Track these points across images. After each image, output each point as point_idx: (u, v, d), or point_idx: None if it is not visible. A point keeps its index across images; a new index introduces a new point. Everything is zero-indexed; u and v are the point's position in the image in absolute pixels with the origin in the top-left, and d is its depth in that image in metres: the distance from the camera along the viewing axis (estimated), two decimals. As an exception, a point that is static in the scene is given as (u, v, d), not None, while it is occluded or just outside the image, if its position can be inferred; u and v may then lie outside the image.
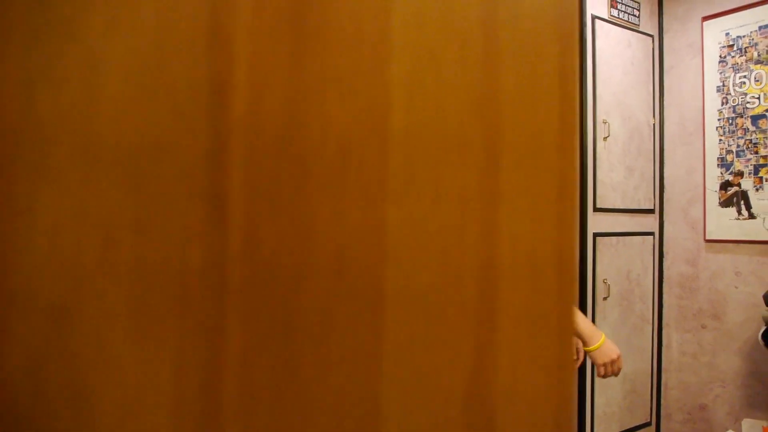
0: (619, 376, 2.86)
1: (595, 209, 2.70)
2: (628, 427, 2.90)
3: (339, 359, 0.24)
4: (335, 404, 0.24)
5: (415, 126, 0.26)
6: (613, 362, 1.86)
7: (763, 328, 2.40)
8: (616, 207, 2.82)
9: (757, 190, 2.71)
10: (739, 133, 2.77)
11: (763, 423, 2.65)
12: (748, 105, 2.74)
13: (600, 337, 1.87)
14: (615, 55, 2.82)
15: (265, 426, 0.22)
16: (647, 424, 3.01)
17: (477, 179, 0.27)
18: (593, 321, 2.70)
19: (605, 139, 2.77)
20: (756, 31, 2.71)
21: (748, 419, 2.72)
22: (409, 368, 0.25)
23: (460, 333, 0.27)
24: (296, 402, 0.23)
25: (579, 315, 1.90)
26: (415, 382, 0.26)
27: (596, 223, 2.68)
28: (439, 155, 0.26)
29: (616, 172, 2.83)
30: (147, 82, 0.20)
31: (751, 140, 2.73)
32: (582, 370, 2.72)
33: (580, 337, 1.85)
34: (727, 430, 2.78)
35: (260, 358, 0.22)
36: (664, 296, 3.05)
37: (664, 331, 3.06)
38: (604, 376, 1.88)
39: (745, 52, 2.75)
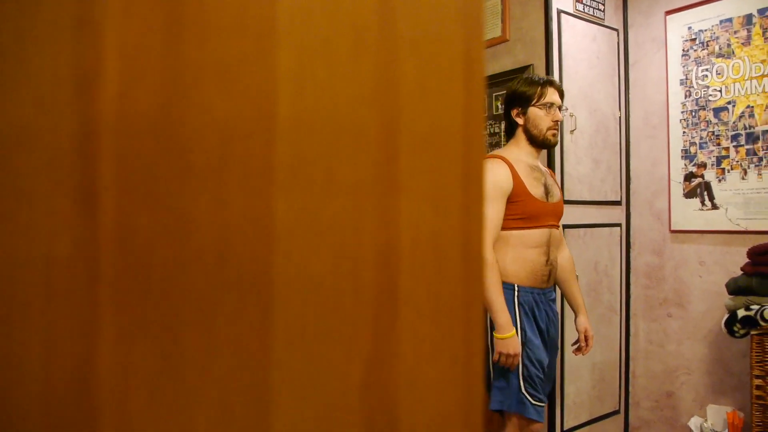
0: (589, 365, 2.90)
1: (563, 201, 2.73)
2: (597, 416, 2.96)
3: (224, 348, 0.24)
4: (220, 393, 0.24)
5: (304, 116, 0.26)
6: (509, 356, 1.99)
7: (726, 316, 2.46)
8: (584, 199, 2.86)
9: (719, 181, 2.77)
10: (702, 125, 2.83)
11: (727, 408, 2.72)
12: (710, 98, 2.80)
13: (511, 330, 1.99)
14: (580, 50, 2.86)
15: (144, 416, 0.22)
16: (616, 412, 3.07)
17: (373, 168, 0.27)
18: (561, 311, 2.74)
19: (572, 132, 2.80)
20: (717, 25, 2.77)
21: (713, 405, 2.79)
22: (301, 356, 0.26)
23: (357, 321, 0.27)
24: (177, 392, 0.23)
25: (500, 306, 2.00)
26: (309, 370, 0.26)
27: (564, 215, 2.71)
28: (332, 144, 0.26)
29: (583, 165, 2.87)
30: (7, 72, 0.20)
31: (713, 132, 2.79)
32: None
33: (494, 321, 1.99)
34: (693, 416, 2.85)
35: (137, 348, 0.22)
36: (632, 286, 3.11)
37: (631, 321, 3.12)
38: (498, 362, 2.02)
39: (707, 45, 2.81)
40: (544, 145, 2.17)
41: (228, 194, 0.24)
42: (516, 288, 2.09)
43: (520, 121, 2.17)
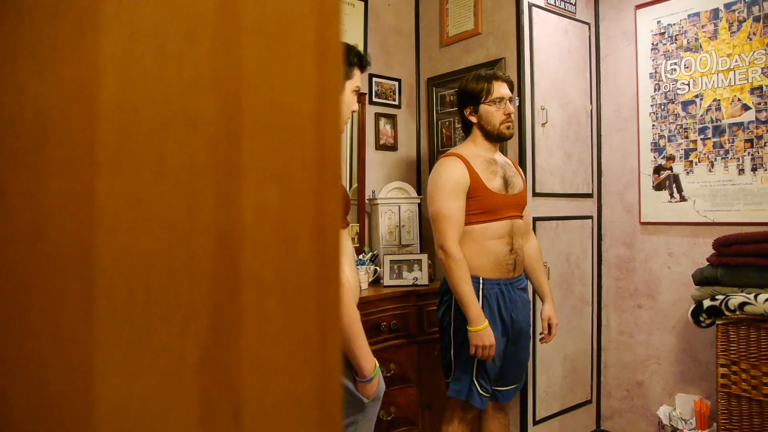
0: (561, 356, 2.94)
1: (535, 194, 2.75)
2: (569, 406, 2.99)
3: (42, 325, 0.24)
4: (38, 373, 0.24)
5: (132, 98, 0.26)
6: (484, 347, 2.02)
7: (693, 306, 2.50)
8: (555, 192, 2.89)
9: (687, 173, 2.81)
10: (671, 118, 2.86)
11: (695, 397, 2.77)
12: (678, 91, 2.83)
13: (483, 323, 2.02)
14: (552, 43, 2.88)
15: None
16: (588, 402, 3.11)
17: (211, 151, 0.28)
18: (533, 303, 2.76)
19: (543, 125, 2.82)
20: (685, 19, 2.80)
21: (681, 394, 2.84)
22: (130, 336, 0.26)
23: (193, 301, 0.28)
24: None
25: (472, 300, 2.02)
26: (138, 349, 0.26)
27: (536, 207, 2.74)
28: (163, 127, 0.27)
29: (555, 158, 2.89)
30: None
31: (681, 125, 2.83)
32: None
33: (467, 315, 2.01)
34: (662, 404, 2.90)
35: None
36: (603, 278, 3.15)
37: (603, 312, 3.16)
38: (475, 355, 2.05)
39: (676, 39, 2.84)
40: (499, 139, 2.20)
41: (46, 172, 0.24)
42: (481, 280, 2.11)
43: (473, 119, 2.20)
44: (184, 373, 0.27)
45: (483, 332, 2.02)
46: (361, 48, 3.08)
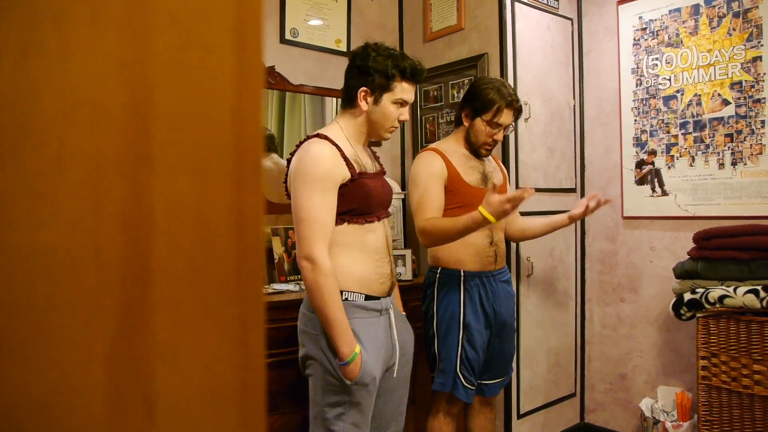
0: (545, 350, 2.95)
1: (517, 189, 2.76)
2: (553, 399, 3.01)
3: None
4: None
5: (29, 87, 0.25)
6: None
7: (674, 299, 2.51)
8: (538, 186, 2.89)
9: (669, 168, 2.83)
10: (653, 113, 2.88)
11: (676, 389, 2.79)
12: (660, 86, 2.85)
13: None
14: (535, 38, 2.88)
15: None
16: (572, 396, 3.13)
17: (118, 140, 0.27)
18: (517, 298, 2.77)
19: (526, 120, 2.83)
20: (666, 14, 2.81)
21: (663, 386, 2.86)
22: (30, 330, 0.26)
23: (99, 293, 0.27)
24: None
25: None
26: (39, 344, 0.26)
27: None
28: (65, 116, 0.26)
29: (538, 153, 2.90)
30: None
31: (663, 120, 2.84)
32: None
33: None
34: (645, 397, 2.92)
35: None
36: (586, 272, 3.16)
37: (586, 306, 3.17)
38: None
39: (657, 35, 2.85)
40: (475, 153, 2.22)
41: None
42: (462, 273, 2.12)
43: (466, 123, 2.21)
44: (90, 368, 0.27)
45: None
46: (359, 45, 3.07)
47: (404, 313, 2.02)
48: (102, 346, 0.27)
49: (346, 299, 1.68)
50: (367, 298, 1.72)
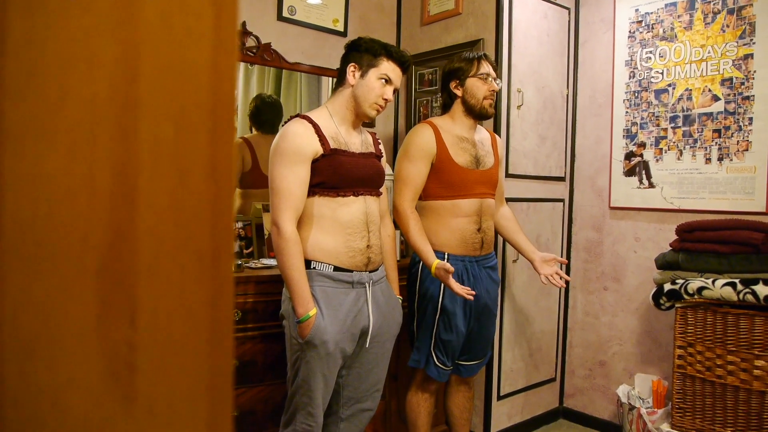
0: (527, 334, 3.02)
1: (507, 175, 2.81)
2: (533, 383, 3.09)
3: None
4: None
5: (35, 38, 0.30)
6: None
7: (654, 290, 2.58)
8: (528, 174, 2.94)
9: (657, 160, 2.88)
10: (644, 106, 2.92)
11: (653, 377, 2.87)
12: (652, 80, 2.89)
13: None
14: (531, 26, 2.91)
15: None
16: (552, 380, 3.21)
17: (111, 89, 0.32)
18: (502, 283, 2.84)
19: (519, 107, 2.87)
20: (663, 8, 2.84)
21: (641, 374, 2.95)
22: (31, 242, 0.31)
23: (92, 216, 0.32)
24: None
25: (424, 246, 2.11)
26: (39, 254, 0.31)
27: (508, 188, 2.79)
28: (65, 64, 0.31)
29: (529, 140, 2.94)
30: None
31: (653, 113, 2.89)
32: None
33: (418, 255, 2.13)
34: (622, 384, 3.00)
35: None
36: (572, 260, 3.23)
37: (570, 293, 3.24)
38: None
39: (652, 28, 2.88)
40: (481, 115, 2.24)
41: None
42: (446, 256, 2.17)
43: (458, 92, 2.24)
44: (83, 279, 0.32)
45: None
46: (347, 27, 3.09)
47: (400, 297, 2.09)
48: (94, 260, 0.32)
49: (314, 268, 1.82)
50: (336, 269, 1.81)
